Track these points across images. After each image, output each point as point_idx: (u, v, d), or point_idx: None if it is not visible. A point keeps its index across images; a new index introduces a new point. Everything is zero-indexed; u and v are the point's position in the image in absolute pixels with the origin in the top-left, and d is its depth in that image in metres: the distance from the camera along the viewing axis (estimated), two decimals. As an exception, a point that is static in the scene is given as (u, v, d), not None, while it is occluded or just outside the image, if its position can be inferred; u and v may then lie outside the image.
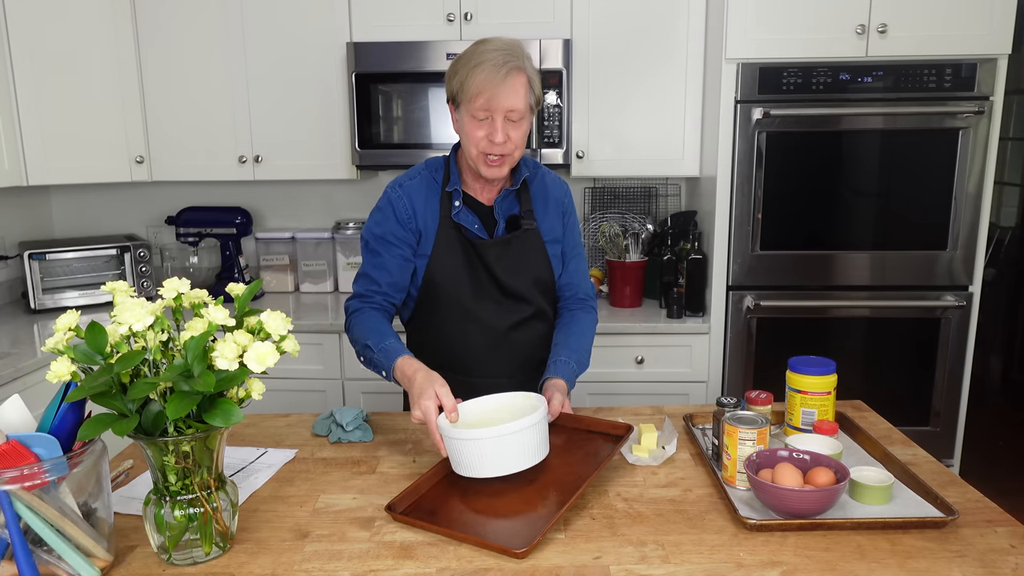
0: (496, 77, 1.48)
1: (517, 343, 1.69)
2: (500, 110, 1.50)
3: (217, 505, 1.11)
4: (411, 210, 1.64)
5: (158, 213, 3.14)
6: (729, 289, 2.55)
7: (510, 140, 1.53)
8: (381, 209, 1.67)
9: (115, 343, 1.05)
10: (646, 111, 2.70)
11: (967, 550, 1.12)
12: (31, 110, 2.57)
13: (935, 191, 2.46)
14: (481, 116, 1.51)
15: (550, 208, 1.71)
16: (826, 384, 1.50)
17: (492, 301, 1.66)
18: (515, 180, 1.66)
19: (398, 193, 1.66)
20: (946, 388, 2.57)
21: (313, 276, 3.07)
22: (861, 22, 2.38)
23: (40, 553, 1.01)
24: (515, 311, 1.68)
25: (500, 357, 1.67)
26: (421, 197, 1.65)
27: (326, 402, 2.63)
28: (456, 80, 1.54)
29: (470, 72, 1.50)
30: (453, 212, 1.63)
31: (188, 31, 2.71)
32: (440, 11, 2.65)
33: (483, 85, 1.48)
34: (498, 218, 1.67)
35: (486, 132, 1.52)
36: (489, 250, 1.64)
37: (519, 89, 1.51)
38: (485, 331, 1.66)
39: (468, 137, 1.55)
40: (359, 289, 1.69)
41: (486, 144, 1.53)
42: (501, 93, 1.48)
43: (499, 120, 1.51)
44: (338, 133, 2.76)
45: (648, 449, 1.47)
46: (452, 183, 1.64)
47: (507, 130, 1.52)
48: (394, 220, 1.65)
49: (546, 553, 1.13)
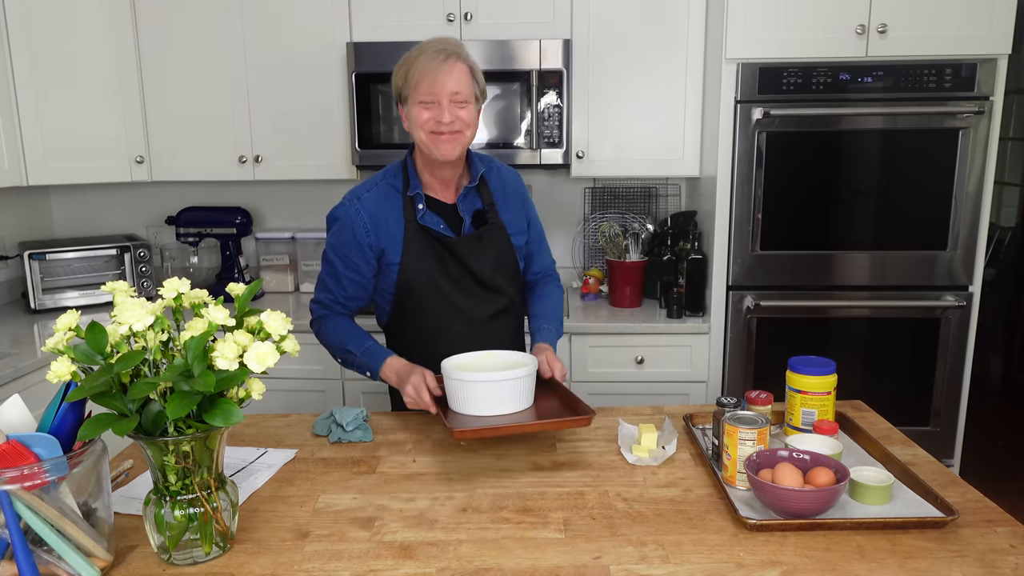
0: (436, 62, 1.56)
1: (498, 332, 1.75)
2: (444, 93, 1.57)
3: (217, 505, 1.11)
4: (369, 226, 1.66)
5: (158, 213, 3.14)
6: (729, 289, 2.55)
7: (458, 119, 1.58)
8: (338, 221, 1.68)
9: (115, 343, 1.05)
10: (646, 111, 2.70)
11: (967, 550, 1.12)
12: (31, 110, 2.57)
13: (935, 191, 2.46)
14: (427, 99, 1.58)
15: (510, 200, 1.78)
16: (826, 384, 1.50)
17: (470, 295, 1.72)
18: (472, 176, 1.72)
19: (355, 207, 1.67)
20: (946, 388, 2.57)
21: (313, 276, 3.07)
22: (861, 22, 2.38)
23: (40, 553, 1.01)
24: (492, 302, 1.75)
25: (482, 345, 1.70)
26: (380, 208, 1.67)
27: (326, 402, 2.63)
28: (400, 74, 1.62)
29: (412, 63, 1.59)
30: (418, 215, 1.67)
31: (188, 31, 2.71)
32: (440, 11, 2.65)
33: (424, 70, 1.57)
34: (463, 215, 1.71)
35: (433, 113, 1.58)
36: (461, 246, 1.69)
37: (460, 75, 1.58)
38: (467, 322, 1.72)
39: (416, 123, 1.60)
40: (320, 296, 1.77)
41: (434, 123, 1.58)
42: (442, 76, 1.56)
43: (445, 102, 1.58)
44: (338, 133, 2.76)
45: (648, 449, 1.47)
46: (412, 187, 1.68)
47: (454, 111, 1.58)
48: (352, 239, 1.67)
49: (546, 553, 1.13)
